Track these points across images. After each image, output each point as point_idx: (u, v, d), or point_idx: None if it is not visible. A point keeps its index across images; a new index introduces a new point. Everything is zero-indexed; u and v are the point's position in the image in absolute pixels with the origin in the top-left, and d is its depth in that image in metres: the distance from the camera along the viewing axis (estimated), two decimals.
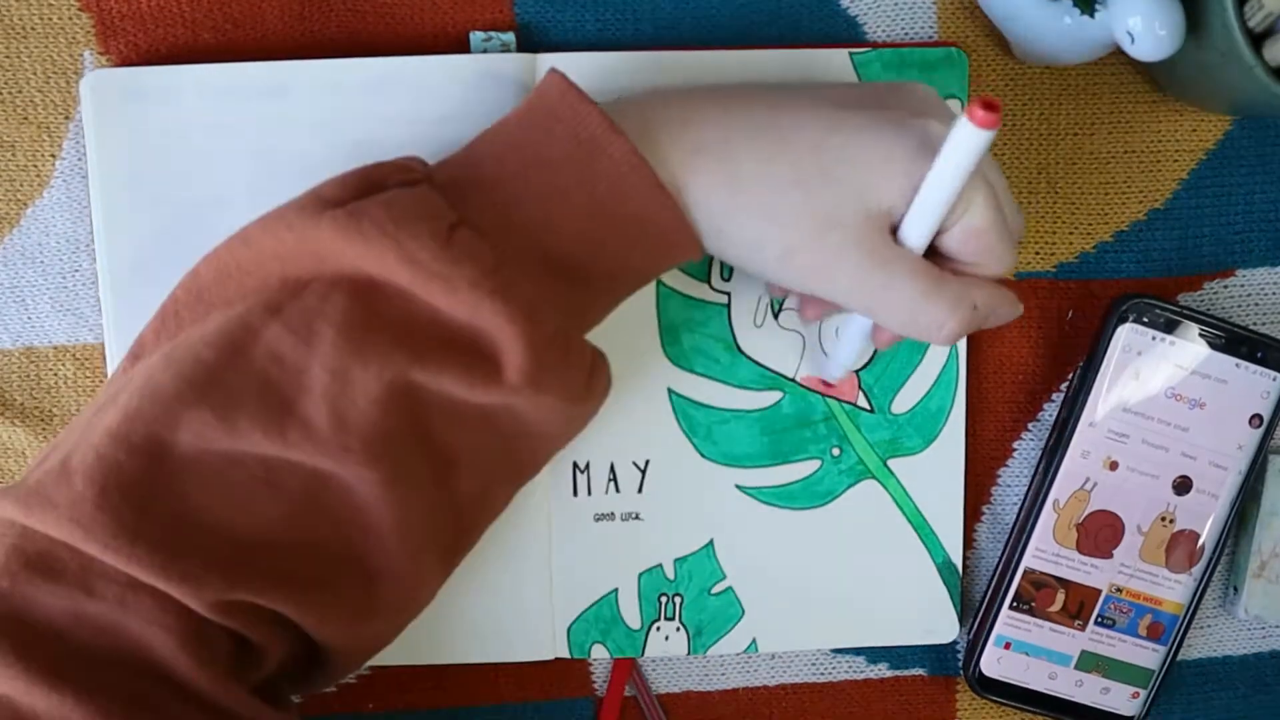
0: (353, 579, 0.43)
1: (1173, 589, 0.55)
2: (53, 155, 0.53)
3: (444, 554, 0.46)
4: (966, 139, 0.40)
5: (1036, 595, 0.55)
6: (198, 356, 0.41)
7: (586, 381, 0.45)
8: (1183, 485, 0.54)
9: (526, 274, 0.42)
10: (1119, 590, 0.55)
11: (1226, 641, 0.59)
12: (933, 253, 0.45)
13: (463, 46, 0.53)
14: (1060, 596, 0.55)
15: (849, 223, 0.43)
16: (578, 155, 0.43)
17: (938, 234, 0.44)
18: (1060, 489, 0.54)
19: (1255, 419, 0.54)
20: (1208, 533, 0.55)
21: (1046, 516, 0.54)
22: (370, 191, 0.42)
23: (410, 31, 0.53)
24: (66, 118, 0.52)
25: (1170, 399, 0.54)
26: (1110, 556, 0.55)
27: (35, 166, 0.53)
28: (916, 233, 0.44)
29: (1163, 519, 0.54)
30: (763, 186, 0.44)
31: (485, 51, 0.53)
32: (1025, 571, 0.55)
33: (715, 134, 0.44)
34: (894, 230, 0.44)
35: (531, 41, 0.53)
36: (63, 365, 0.54)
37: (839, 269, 0.44)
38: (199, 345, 0.41)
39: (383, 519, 0.42)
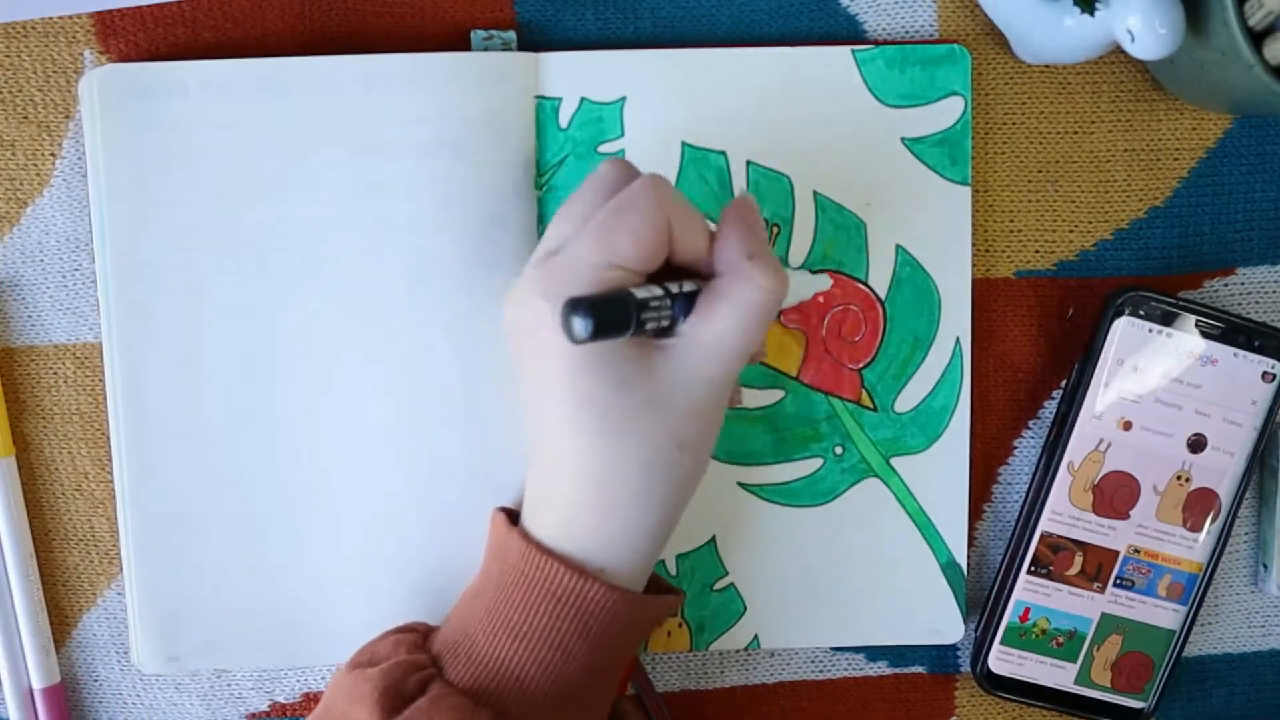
0: None
1: (1191, 548, 0.55)
2: (52, 154, 0.53)
3: None
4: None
5: (1054, 559, 0.55)
6: None
7: None
8: (1197, 443, 0.54)
9: None
10: (1137, 551, 0.55)
11: (1227, 639, 0.59)
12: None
13: (463, 44, 0.53)
14: (1078, 559, 0.55)
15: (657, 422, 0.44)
16: (563, 614, 0.45)
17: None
18: (1074, 451, 0.54)
19: (1268, 375, 0.54)
20: (1225, 490, 0.55)
21: (1062, 479, 0.54)
22: (399, 704, 0.44)
23: (411, 29, 0.53)
24: (66, 117, 0.52)
25: (1178, 362, 0.54)
26: (1127, 518, 0.55)
27: (35, 166, 0.53)
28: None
29: (1179, 478, 0.54)
30: (617, 502, 0.45)
31: (486, 50, 0.53)
32: (1042, 535, 0.55)
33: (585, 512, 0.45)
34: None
35: (532, 40, 0.53)
36: (63, 364, 0.54)
37: (714, 418, 0.46)
38: None
39: None
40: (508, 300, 0.46)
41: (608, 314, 0.41)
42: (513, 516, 0.49)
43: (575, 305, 0.40)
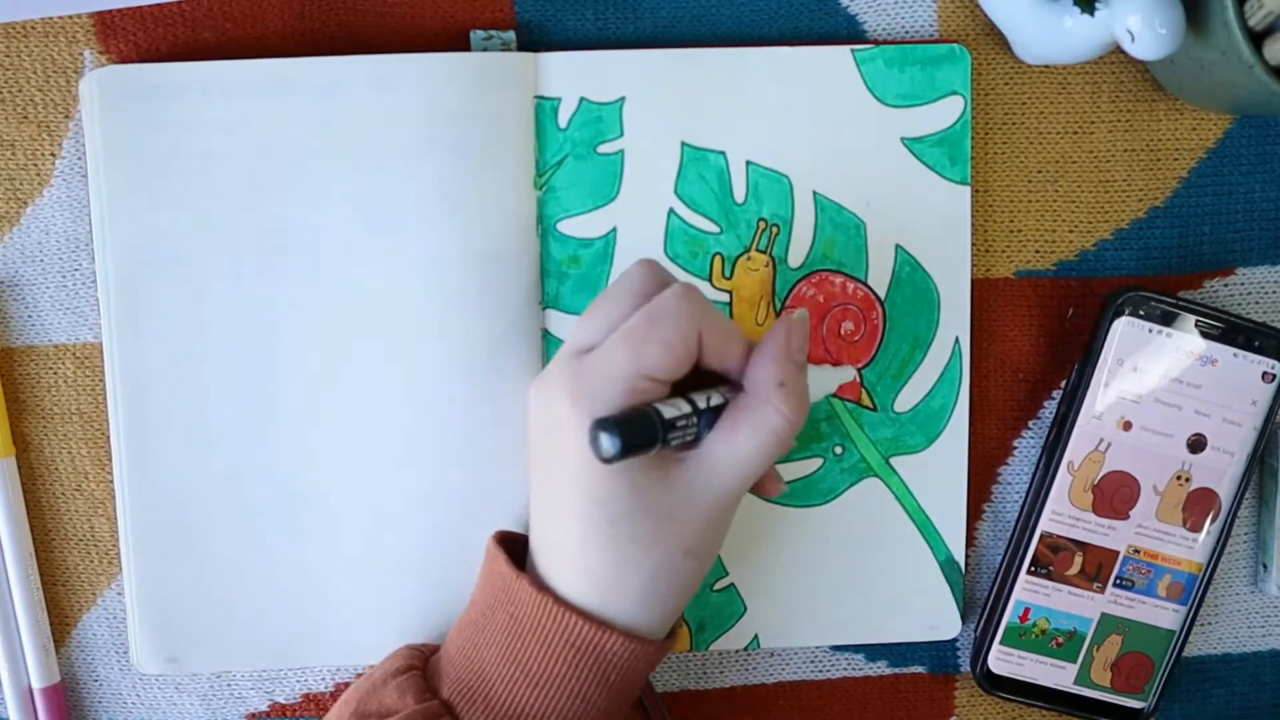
0: None
1: (1191, 548, 0.55)
2: (52, 154, 0.53)
3: None
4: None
5: (1054, 559, 0.55)
6: None
7: None
8: (1197, 443, 0.54)
9: None
10: (1137, 551, 0.55)
11: (1227, 639, 0.59)
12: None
13: (463, 44, 0.53)
14: (1078, 559, 0.55)
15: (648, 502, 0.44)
16: (583, 663, 0.45)
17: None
18: (1074, 451, 0.54)
19: (1268, 375, 0.54)
20: (1225, 490, 0.55)
21: (1062, 479, 0.54)
22: None
23: (410, 29, 0.53)
24: (66, 117, 0.52)
25: (1178, 362, 0.54)
26: (1127, 518, 0.55)
27: (35, 165, 0.53)
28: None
29: (1179, 478, 0.54)
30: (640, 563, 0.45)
31: (485, 50, 0.53)
32: (1042, 535, 0.55)
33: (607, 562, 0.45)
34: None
35: (532, 40, 0.53)
36: (63, 364, 0.54)
37: (723, 527, 0.46)
38: None
39: None
40: (534, 385, 0.46)
41: (636, 436, 0.41)
42: (509, 545, 0.48)
43: (604, 425, 0.41)
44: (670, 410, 0.43)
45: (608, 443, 0.41)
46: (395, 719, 0.45)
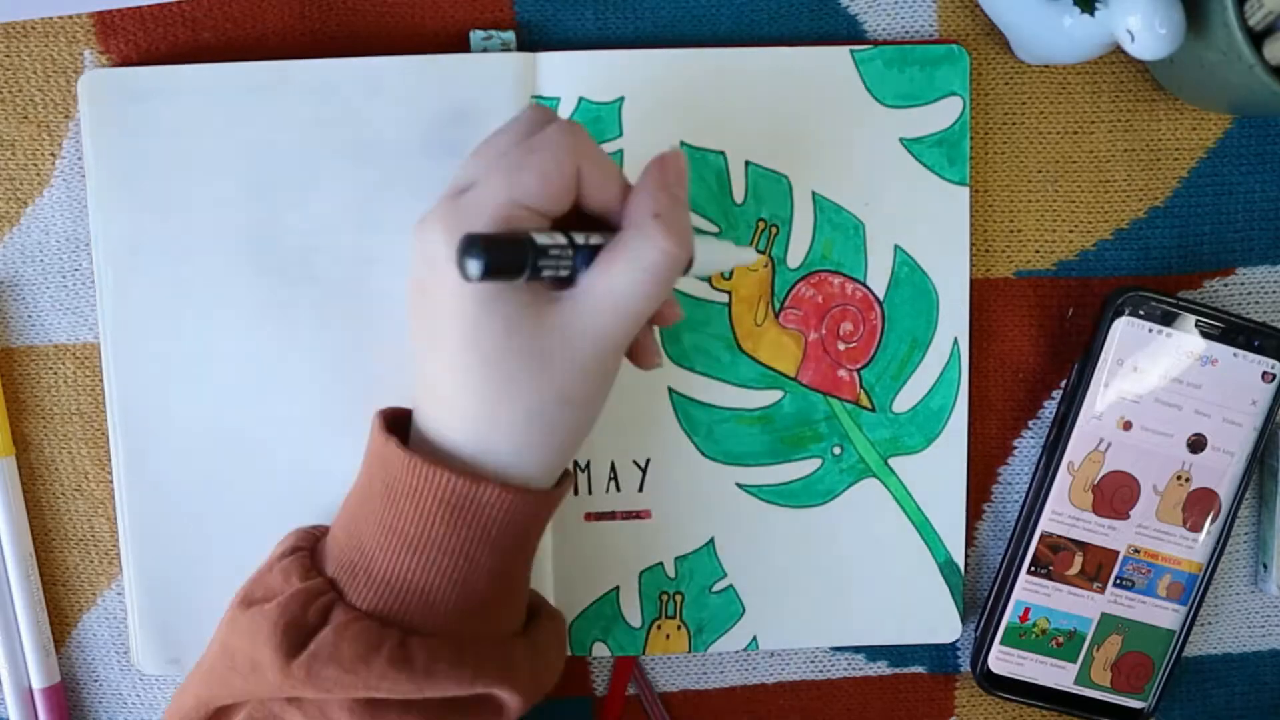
0: None
1: (1191, 548, 0.55)
2: (52, 154, 0.53)
3: None
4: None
5: (1054, 559, 0.55)
6: None
7: (556, 662, 0.49)
8: (1197, 443, 0.54)
9: (482, 639, 0.45)
10: (1137, 551, 0.55)
11: (1227, 639, 0.59)
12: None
13: (463, 45, 0.53)
14: (1078, 559, 0.55)
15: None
16: (461, 520, 0.44)
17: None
18: (1074, 451, 0.54)
19: (1268, 375, 0.54)
20: (1225, 490, 0.55)
21: (1062, 479, 0.54)
22: (303, 639, 0.43)
23: (410, 30, 0.53)
24: (66, 117, 0.52)
25: (1178, 362, 0.54)
26: (1127, 518, 0.55)
27: (35, 165, 0.53)
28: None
29: (1179, 478, 0.54)
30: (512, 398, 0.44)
31: (485, 50, 0.53)
32: (1042, 535, 0.55)
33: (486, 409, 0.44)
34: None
35: (531, 40, 0.53)
36: (63, 364, 0.54)
37: (602, 375, 0.45)
38: None
39: None
40: (414, 228, 0.44)
41: (503, 255, 0.39)
42: (393, 418, 0.47)
43: (471, 242, 0.39)
44: (544, 238, 0.41)
45: (473, 261, 0.39)
46: (278, 600, 0.44)
